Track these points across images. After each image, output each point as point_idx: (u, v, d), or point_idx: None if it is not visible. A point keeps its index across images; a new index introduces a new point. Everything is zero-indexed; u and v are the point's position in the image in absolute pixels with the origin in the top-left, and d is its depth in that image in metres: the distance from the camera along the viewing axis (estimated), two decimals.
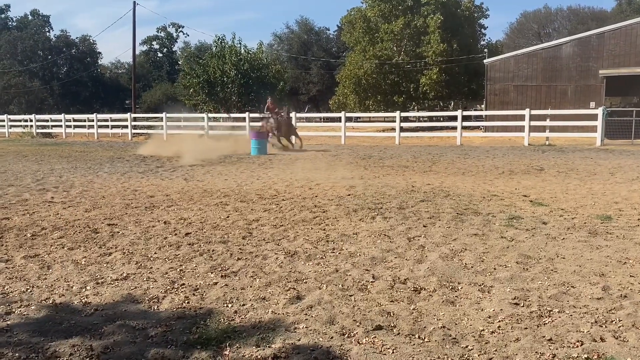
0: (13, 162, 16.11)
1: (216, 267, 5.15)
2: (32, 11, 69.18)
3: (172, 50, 76.41)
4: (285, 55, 57.07)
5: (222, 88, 30.72)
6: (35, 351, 3.35)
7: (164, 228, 6.83)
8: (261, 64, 31.28)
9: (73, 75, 62.33)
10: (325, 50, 60.90)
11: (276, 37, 64.89)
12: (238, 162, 15.59)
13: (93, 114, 33.02)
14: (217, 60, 30.86)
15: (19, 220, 7.33)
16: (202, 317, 3.91)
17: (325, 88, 56.82)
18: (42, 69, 61.32)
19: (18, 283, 4.71)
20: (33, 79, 59.85)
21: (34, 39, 62.25)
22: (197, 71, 31.57)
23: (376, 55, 35.45)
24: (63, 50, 64.30)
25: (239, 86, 30.14)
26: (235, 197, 9.23)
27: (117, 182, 11.39)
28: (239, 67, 30.20)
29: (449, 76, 36.00)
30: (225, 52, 30.90)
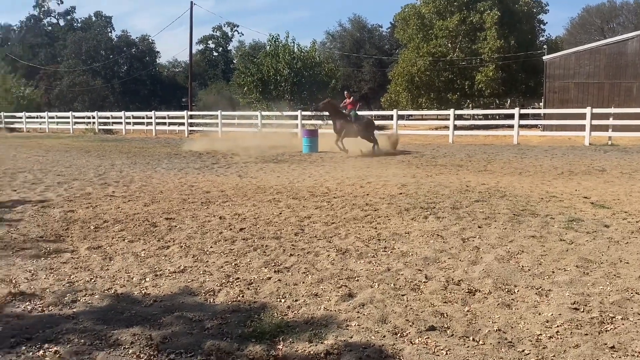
0: (77, 157, 16.88)
1: (269, 262, 5.23)
2: (95, 12, 72.29)
3: (227, 49, 77.92)
4: (337, 54, 57.12)
5: (275, 86, 31.08)
6: (99, 338, 3.51)
7: (219, 223, 6.99)
8: (314, 63, 31.43)
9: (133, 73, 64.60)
10: (378, 48, 60.53)
11: (329, 36, 65.05)
12: (290, 160, 15.74)
13: (151, 112, 34.13)
14: (270, 59, 31.24)
15: (83, 213, 7.68)
16: (256, 311, 3.98)
17: (377, 86, 56.51)
18: (104, 68, 63.87)
19: (83, 273, 4.94)
20: (96, 78, 62.39)
21: (97, 39, 64.91)
22: (251, 70, 32.06)
23: (430, 52, 34.94)
24: (124, 49, 66.75)
25: (291, 85, 30.41)
26: (287, 194, 9.33)
27: (175, 177, 11.74)
28: (292, 66, 30.46)
29: (505, 73, 35.06)
30: (279, 51, 31.24)
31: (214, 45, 78.16)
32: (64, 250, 5.72)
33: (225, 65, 74.60)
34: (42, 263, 5.25)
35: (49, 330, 3.63)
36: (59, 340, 3.46)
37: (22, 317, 3.89)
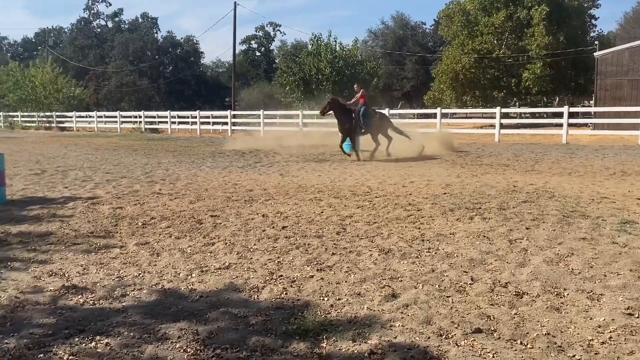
0: (125, 156, 17.38)
1: (312, 260, 5.25)
2: (142, 14, 74.21)
3: (269, 49, 78.64)
4: (379, 52, 56.76)
5: (317, 85, 31.18)
6: (147, 332, 3.60)
7: (262, 221, 7.06)
8: (355, 61, 31.37)
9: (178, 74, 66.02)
10: (421, 45, 59.84)
11: (371, 34, 64.76)
12: (331, 159, 15.75)
13: (196, 111, 34.78)
14: (312, 58, 31.35)
15: (131, 210, 7.90)
16: (300, 309, 4.00)
17: (420, 84, 55.86)
18: (150, 68, 65.52)
19: (131, 268, 5.08)
20: (142, 78, 64.05)
21: (144, 40, 66.65)
22: (293, 69, 32.26)
23: (475, 50, 34.30)
24: (169, 50, 68.30)
25: (333, 83, 30.43)
26: (328, 193, 9.34)
27: (219, 176, 11.93)
28: (334, 65, 30.49)
29: (554, 70, 34.04)
30: (320, 50, 31.31)
31: (257, 45, 79.01)
32: (113, 245, 5.90)
33: (267, 65, 75.32)
34: (93, 258, 5.42)
35: (100, 323, 3.74)
36: (110, 333, 3.57)
37: (75, 309, 4.03)
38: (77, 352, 3.30)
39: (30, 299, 4.24)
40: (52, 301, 4.20)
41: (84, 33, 71.24)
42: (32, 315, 3.91)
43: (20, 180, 11.13)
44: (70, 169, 13.47)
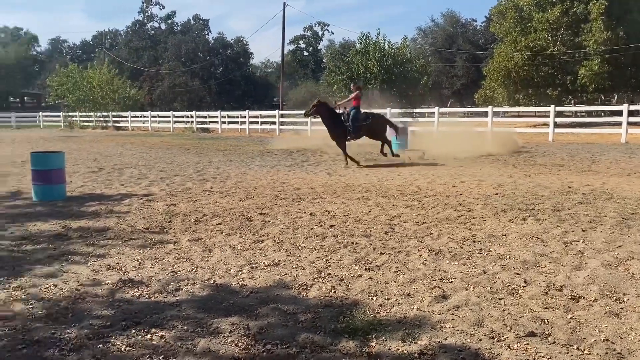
0: (177, 155, 17.84)
1: (360, 259, 5.24)
2: (194, 16, 75.94)
3: (317, 48, 78.92)
4: (429, 49, 55.99)
5: (365, 84, 31.10)
6: (200, 325, 3.69)
7: (310, 219, 7.11)
8: (404, 59, 31.06)
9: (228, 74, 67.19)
10: (472, 43, 58.62)
11: (420, 31, 63.91)
12: (378, 158, 15.66)
13: (245, 111, 35.32)
14: (360, 57, 31.25)
15: (184, 207, 8.11)
16: (348, 307, 4.01)
17: (470, 82, 54.73)
18: (202, 69, 66.92)
19: (185, 263, 5.22)
20: (194, 79, 65.54)
21: (195, 41, 68.16)
22: (341, 68, 32.25)
23: (528, 46, 33.30)
24: (219, 51, 69.59)
25: (381, 82, 30.25)
26: (376, 192, 9.30)
27: (267, 174, 12.09)
28: (382, 63, 30.30)
29: (612, 67, 32.61)
30: (369, 48, 31.18)
31: (305, 45, 79.48)
32: (167, 241, 6.07)
33: (315, 65, 75.61)
34: (148, 253, 5.60)
35: (155, 316, 3.87)
36: (164, 326, 3.68)
37: (131, 302, 4.18)
38: (134, 344, 3.42)
39: (90, 291, 4.42)
40: (110, 294, 4.37)
41: (139, 35, 73.54)
42: (92, 307, 4.08)
43: (79, 178, 11.62)
44: (126, 167, 13.94)
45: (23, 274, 4.89)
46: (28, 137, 31.13)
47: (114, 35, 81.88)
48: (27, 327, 3.68)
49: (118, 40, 79.81)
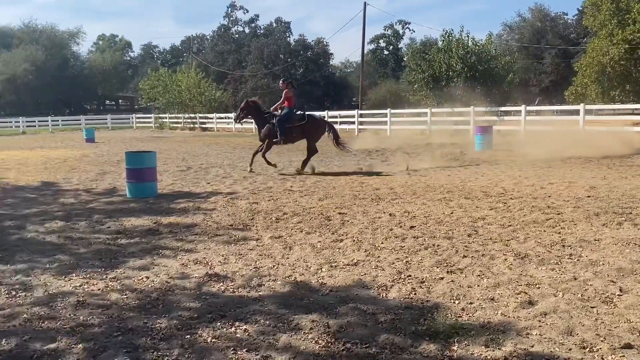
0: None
1: (441, 262, 5.14)
2: (276, 19, 77.63)
3: (397, 47, 78.18)
4: (515, 45, 53.76)
5: (447, 83, 30.38)
6: (282, 321, 3.77)
7: (389, 220, 7.05)
8: (489, 56, 30.00)
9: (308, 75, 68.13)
10: (562, 37, 55.70)
11: (506, 27, 61.58)
12: (461, 158, 15.27)
13: (324, 112, 35.62)
14: (443, 55, 30.54)
15: (266, 205, 8.31)
16: (429, 310, 3.94)
17: (560, 78, 52.02)
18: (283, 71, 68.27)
19: (266, 260, 5.36)
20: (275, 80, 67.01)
21: (277, 44, 69.67)
22: (423, 67, 31.70)
23: (626, 40, 31.13)
24: (300, 52, 70.71)
25: (464, 80, 29.43)
26: (459, 193, 9.07)
27: (346, 174, 12.12)
28: (466, 61, 29.45)
29: None
30: (451, 46, 30.41)
31: (385, 44, 78.97)
32: (250, 238, 6.26)
33: (395, 64, 74.94)
34: (232, 249, 5.80)
35: (239, 309, 4.00)
36: (248, 320, 3.80)
37: (217, 296, 4.35)
38: (219, 336, 3.55)
39: (179, 284, 4.65)
40: (197, 287, 4.56)
41: (224, 39, 76.24)
42: (180, 299, 4.28)
43: (169, 176, 12.23)
44: (211, 166, 14.51)
45: (118, 266, 5.22)
46: (122, 137, 33.21)
47: (201, 40, 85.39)
48: (122, 316, 3.93)
49: (205, 44, 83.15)
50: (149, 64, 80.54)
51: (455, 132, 23.72)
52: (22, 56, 60.28)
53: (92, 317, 3.89)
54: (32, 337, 3.56)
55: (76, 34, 71.40)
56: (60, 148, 23.83)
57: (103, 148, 23.02)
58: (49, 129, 46.12)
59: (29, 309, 4.06)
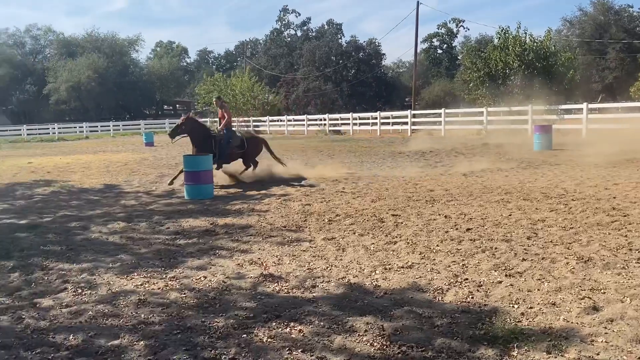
0: (311, 156, 18.43)
1: (499, 265, 5.00)
2: (327, 21, 77.99)
3: (451, 45, 76.81)
4: (576, 41, 51.72)
5: (503, 81, 29.58)
6: (336, 323, 3.77)
7: (444, 222, 6.93)
8: (548, 53, 29.00)
9: (360, 76, 67.97)
10: (627, 31, 53.11)
11: (565, 22, 59.31)
12: (519, 158, 14.81)
13: (376, 112, 35.45)
14: (499, 52, 29.77)
15: (318, 207, 8.34)
16: (487, 314, 3.84)
17: (625, 74, 49.59)
18: (334, 73, 68.46)
19: (320, 261, 5.37)
20: (327, 82, 67.27)
21: (329, 46, 69.87)
22: (478, 65, 31.01)
23: None
24: (352, 54, 70.60)
25: (522, 78, 28.57)
26: (517, 194, 8.80)
27: (399, 175, 12.01)
28: (523, 58, 28.58)
29: None
30: (508, 43, 29.59)
31: (438, 42, 77.74)
32: (303, 239, 6.30)
33: (449, 62, 73.65)
34: (286, 249, 5.86)
35: (294, 310, 4.02)
36: (302, 321, 3.82)
37: (272, 296, 4.39)
38: (275, 336, 3.59)
39: (235, 284, 4.73)
40: (253, 287, 4.63)
41: (276, 43, 77.19)
42: (237, 298, 4.36)
43: (225, 178, 12.46)
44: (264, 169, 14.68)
45: (177, 265, 5.37)
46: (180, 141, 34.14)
47: (254, 44, 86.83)
48: (181, 314, 4.04)
49: (258, 48, 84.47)
50: (204, 69, 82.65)
51: (513, 131, 23.06)
52: (86, 64, 63.12)
53: (153, 315, 4.02)
54: (97, 333, 3.71)
55: (135, 42, 74.04)
56: (122, 152, 24.81)
57: (162, 151, 23.79)
58: (111, 134, 48.09)
59: (94, 307, 4.23)
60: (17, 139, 44.43)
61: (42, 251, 6.12)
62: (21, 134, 46.26)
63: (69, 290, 4.69)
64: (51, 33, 72.31)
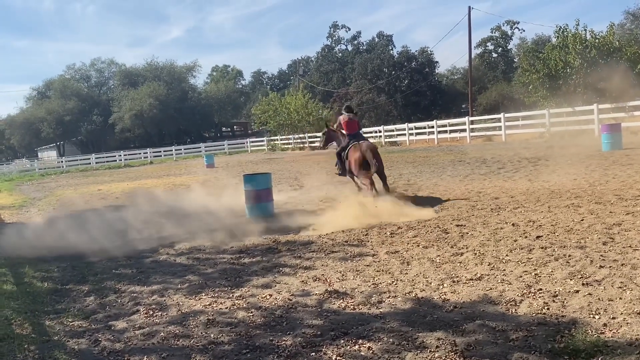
0: None
1: (575, 273, 4.74)
2: (378, 33, 77.91)
3: (506, 48, 74.91)
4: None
5: (564, 81, 28.45)
6: (406, 339, 3.68)
7: (512, 230, 6.68)
8: (612, 49, 27.70)
9: (413, 86, 67.38)
10: None
11: (629, 15, 56.57)
12: (587, 160, 14.13)
13: (432, 121, 34.94)
14: (558, 52, 28.71)
15: (379, 220, 8.23)
16: (566, 326, 3.64)
17: None
18: (387, 84, 68.17)
19: (384, 276, 5.29)
20: (380, 94, 67.06)
21: (380, 58, 69.73)
22: (537, 66, 30.01)
23: None
24: (404, 64, 70.16)
25: (584, 76, 27.40)
26: (588, 198, 8.37)
27: (460, 184, 11.73)
28: (585, 56, 27.43)
29: None
30: (567, 41, 28.50)
31: (493, 46, 76.00)
32: (366, 254, 6.23)
33: (505, 66, 71.75)
34: (349, 265, 5.80)
35: (361, 327, 3.96)
36: (371, 338, 3.75)
37: (338, 313, 4.35)
38: (344, 354, 3.54)
39: (300, 301, 4.72)
40: (318, 304, 4.60)
41: (328, 59, 77.87)
42: (303, 316, 4.34)
43: (284, 195, 12.60)
44: (323, 184, 14.74)
45: (243, 284, 5.43)
46: (239, 161, 34.91)
47: (306, 62, 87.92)
48: (249, 333, 4.06)
49: (310, 66, 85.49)
50: (259, 89, 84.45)
51: (578, 132, 22.12)
52: (147, 92, 65.88)
53: (222, 335, 4.06)
54: (169, 354, 3.78)
55: (192, 68, 76.69)
56: (184, 175, 25.58)
57: (222, 172, 24.36)
58: (173, 158, 49.78)
59: (165, 328, 4.33)
60: (87, 167, 46.81)
61: (115, 274, 6.35)
62: (90, 162, 48.67)
63: (141, 312, 4.83)
64: (114, 65, 76.11)
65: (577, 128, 23.00)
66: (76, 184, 25.13)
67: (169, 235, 8.73)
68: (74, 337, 4.30)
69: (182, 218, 10.67)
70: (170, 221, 10.37)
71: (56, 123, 67.24)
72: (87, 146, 69.79)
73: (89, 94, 73.21)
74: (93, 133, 71.18)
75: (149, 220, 10.70)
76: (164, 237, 8.52)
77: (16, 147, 79.24)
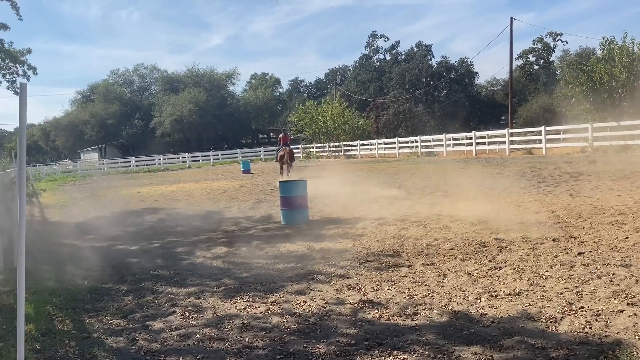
0: (404, 179, 18.19)
1: (619, 292, 4.58)
2: (417, 43, 77.48)
3: (549, 60, 73.46)
4: None
5: (609, 94, 27.67)
6: (442, 352, 3.62)
7: (553, 246, 6.51)
8: None
9: (452, 97, 66.76)
10: None
11: None
12: (632, 176, 13.67)
13: (471, 132, 34.46)
14: (604, 65, 27.96)
15: (415, 231, 8.17)
16: (609, 347, 3.52)
17: None
18: (425, 94, 67.76)
19: (420, 287, 5.22)
20: (417, 104, 66.66)
21: (419, 68, 69.38)
22: (580, 79, 29.29)
23: None
24: (443, 74, 69.61)
25: (631, 90, 26.57)
26: (633, 215, 8.10)
27: (499, 197, 11.51)
28: (632, 69, 26.61)
29: None
30: (613, 54, 27.73)
31: (535, 58, 74.64)
32: (401, 264, 6.17)
33: (547, 78, 70.35)
34: (384, 275, 5.76)
35: (396, 338, 3.92)
36: (406, 349, 3.70)
37: (372, 323, 4.32)
38: None
39: (334, 309, 4.71)
40: (353, 313, 4.58)
41: (365, 68, 77.89)
42: (337, 324, 4.33)
43: (319, 203, 12.62)
44: (358, 192, 14.71)
45: (277, 290, 5.45)
46: (275, 167, 35.13)
47: (344, 71, 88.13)
48: (283, 339, 4.07)
49: (347, 75, 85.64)
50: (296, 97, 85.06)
51: (623, 147, 21.42)
52: (187, 98, 67.21)
53: (256, 340, 4.08)
54: (204, 356, 3.83)
55: (232, 75, 77.89)
56: (221, 180, 25.94)
57: (258, 178, 24.59)
58: (211, 163, 50.55)
59: (201, 330, 4.38)
60: (127, 170, 48.00)
61: (152, 276, 6.47)
62: (130, 165, 49.93)
63: (177, 313, 4.90)
64: (156, 71, 78.01)
65: (621, 143, 22.28)
66: (117, 186, 25.78)
67: (206, 238, 8.84)
68: (112, 335, 4.40)
69: (219, 222, 10.81)
70: (208, 224, 10.53)
71: (99, 126, 69.27)
72: (128, 149, 71.62)
73: (131, 98, 75.18)
74: (134, 137, 72.95)
75: (187, 223, 10.87)
76: (201, 240, 8.64)
77: (60, 148, 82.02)
